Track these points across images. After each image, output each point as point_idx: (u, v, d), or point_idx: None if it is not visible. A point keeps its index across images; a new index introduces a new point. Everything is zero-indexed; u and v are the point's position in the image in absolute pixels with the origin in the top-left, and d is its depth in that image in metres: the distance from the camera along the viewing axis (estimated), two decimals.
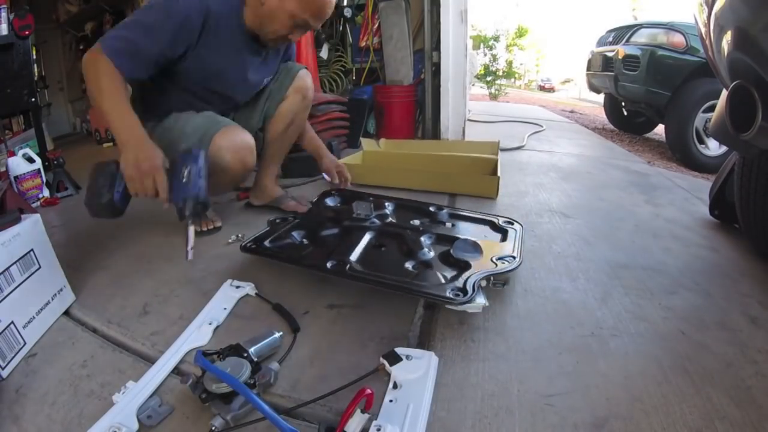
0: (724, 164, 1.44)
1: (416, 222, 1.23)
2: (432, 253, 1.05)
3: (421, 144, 2.44)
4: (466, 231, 1.20)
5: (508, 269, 0.95)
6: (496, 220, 1.25)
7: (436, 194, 1.65)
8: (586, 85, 4.53)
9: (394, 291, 0.88)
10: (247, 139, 1.22)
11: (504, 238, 1.15)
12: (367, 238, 1.12)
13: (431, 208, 1.32)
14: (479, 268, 0.94)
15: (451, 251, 1.02)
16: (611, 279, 1.07)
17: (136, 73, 1.05)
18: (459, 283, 0.88)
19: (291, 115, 1.42)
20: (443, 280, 0.92)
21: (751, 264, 1.19)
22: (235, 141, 1.19)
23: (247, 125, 1.39)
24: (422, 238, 1.10)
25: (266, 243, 1.08)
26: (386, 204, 1.34)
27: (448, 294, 0.83)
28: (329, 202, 1.39)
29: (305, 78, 1.41)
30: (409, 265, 1.00)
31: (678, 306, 0.97)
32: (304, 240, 1.13)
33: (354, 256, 1.02)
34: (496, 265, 0.96)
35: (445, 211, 1.31)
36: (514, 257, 1.01)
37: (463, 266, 0.96)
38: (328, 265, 0.96)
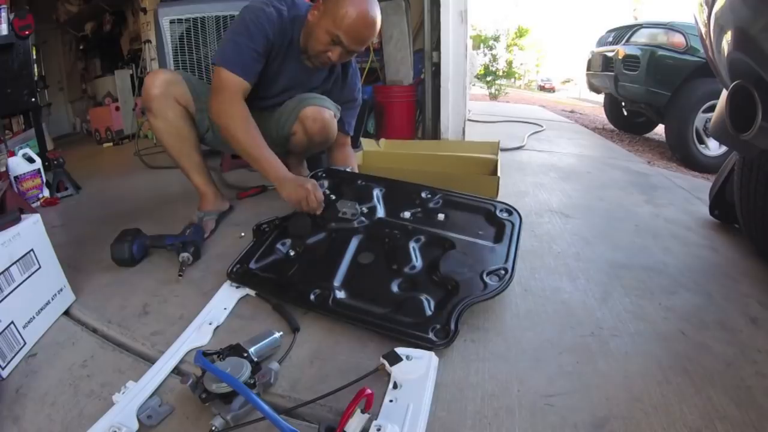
0: (724, 164, 1.44)
1: (407, 215, 1.16)
2: (420, 263, 1.01)
3: (421, 144, 2.44)
4: (459, 226, 1.13)
5: (496, 291, 0.91)
6: (492, 208, 1.18)
7: None
8: (586, 85, 4.53)
9: (376, 330, 0.85)
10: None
11: (499, 237, 1.08)
12: (353, 245, 1.07)
13: (423, 194, 1.24)
14: (467, 290, 0.90)
15: (440, 267, 0.97)
16: (611, 279, 1.07)
17: (251, 74, 1.19)
18: (443, 319, 0.84)
19: (303, 147, 1.44)
20: (428, 310, 0.88)
21: (751, 264, 1.18)
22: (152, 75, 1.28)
23: (275, 129, 1.43)
24: (411, 243, 1.05)
25: (252, 264, 1.04)
26: (374, 192, 1.25)
27: (430, 335, 0.81)
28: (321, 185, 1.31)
29: (306, 121, 1.34)
30: (395, 286, 0.95)
31: (678, 306, 0.97)
32: (291, 252, 1.09)
33: (338, 279, 0.97)
34: (485, 285, 0.92)
35: (438, 196, 1.23)
36: (506, 269, 0.96)
37: (451, 288, 0.92)
38: (312, 297, 0.92)
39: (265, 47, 1.20)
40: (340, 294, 0.93)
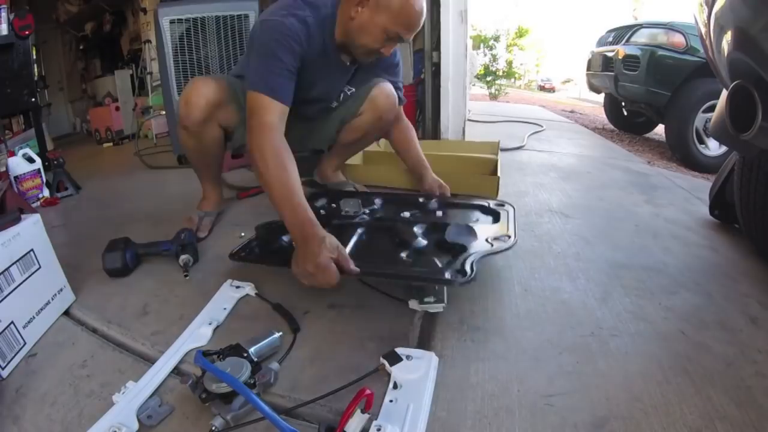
0: (724, 164, 1.44)
1: (406, 214, 1.22)
2: (425, 241, 1.04)
3: (421, 144, 2.43)
4: (457, 217, 1.19)
5: (504, 248, 0.95)
6: (486, 204, 1.25)
7: None
8: (586, 85, 4.53)
9: (390, 279, 0.86)
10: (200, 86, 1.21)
11: (496, 220, 1.16)
12: (358, 233, 1.11)
13: (420, 199, 1.31)
14: (475, 249, 0.94)
15: (445, 236, 1.01)
16: (611, 279, 1.07)
17: (287, 95, 1.09)
18: (457, 264, 0.87)
19: (362, 131, 1.44)
20: (440, 265, 0.91)
21: (751, 264, 1.18)
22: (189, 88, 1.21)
23: (324, 132, 1.45)
24: (414, 228, 1.09)
25: (255, 249, 1.07)
26: (375, 199, 1.32)
27: (447, 276, 0.83)
28: (316, 203, 1.36)
29: (379, 97, 1.36)
30: (403, 254, 0.99)
31: (678, 306, 0.97)
32: (294, 243, 1.10)
33: (347, 250, 1.00)
34: (492, 245, 0.96)
35: (434, 200, 1.31)
36: (509, 236, 1.01)
37: (459, 250, 0.96)
38: None
39: (295, 63, 1.12)
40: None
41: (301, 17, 1.12)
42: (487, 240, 0.99)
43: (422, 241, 1.03)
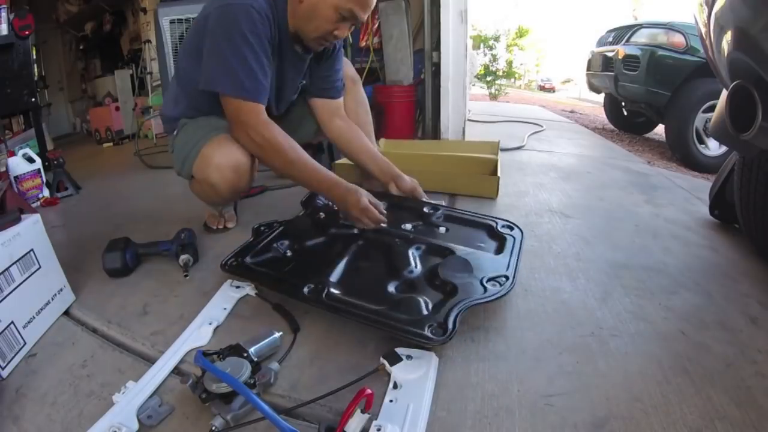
0: (724, 164, 1.44)
1: (408, 227, 1.16)
2: (419, 269, 0.99)
3: (421, 144, 2.44)
4: (461, 238, 1.12)
5: (497, 296, 0.88)
6: (494, 224, 1.18)
7: (436, 194, 1.65)
8: (586, 85, 4.53)
9: (369, 324, 0.82)
10: (238, 156, 1.10)
11: (500, 249, 1.08)
12: (352, 249, 1.06)
13: (426, 209, 1.25)
14: (466, 293, 0.87)
15: (439, 271, 0.95)
16: (611, 279, 1.07)
17: (266, 93, 1.07)
18: (440, 316, 0.81)
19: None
20: (425, 310, 0.84)
21: (751, 264, 1.18)
22: (224, 157, 1.09)
23: (301, 130, 1.38)
24: (411, 251, 1.04)
25: (247, 259, 1.03)
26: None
27: (426, 332, 0.77)
28: (319, 201, 1.33)
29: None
30: (392, 287, 0.93)
31: (678, 306, 0.97)
32: (288, 252, 1.07)
33: (334, 276, 0.96)
34: (485, 289, 0.89)
35: (440, 212, 1.25)
36: (506, 277, 0.94)
37: (449, 291, 0.89)
38: (305, 290, 0.89)
39: (269, 51, 1.07)
40: (335, 290, 0.91)
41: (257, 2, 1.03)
42: (482, 282, 0.92)
43: (415, 269, 0.99)
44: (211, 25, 1.04)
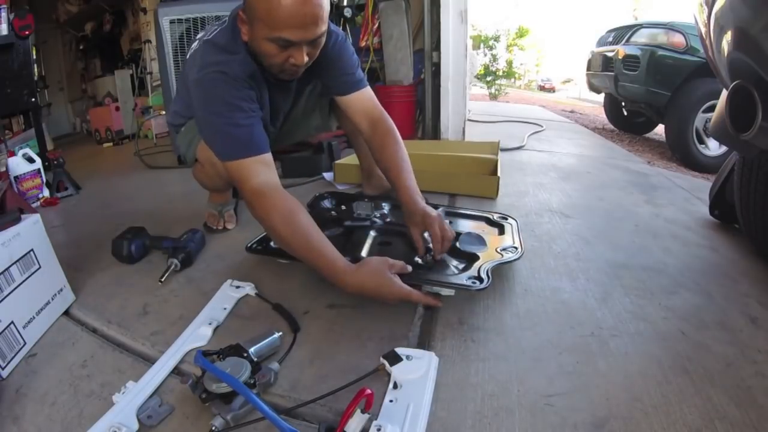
0: (724, 164, 1.44)
1: None
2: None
3: (421, 144, 2.44)
4: (464, 227, 1.22)
5: (513, 258, 1.01)
6: (491, 216, 1.28)
7: (436, 194, 1.65)
8: (586, 85, 4.53)
9: (415, 282, 0.88)
10: None
11: (501, 232, 1.19)
12: (372, 235, 1.14)
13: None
14: (487, 258, 0.99)
15: (458, 244, 1.05)
16: (611, 279, 1.07)
17: (264, 141, 1.00)
18: (473, 272, 0.92)
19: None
20: (456, 271, 0.96)
21: (751, 264, 1.19)
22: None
23: (301, 130, 1.40)
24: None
25: (272, 243, 1.08)
26: (383, 204, 1.35)
27: (466, 282, 0.88)
28: (325, 204, 1.38)
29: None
30: (418, 258, 1.02)
31: (678, 306, 0.97)
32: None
33: (364, 252, 1.04)
34: (502, 255, 1.01)
35: (440, 209, 1.30)
36: (516, 247, 1.06)
37: (471, 258, 1.00)
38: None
39: (255, 104, 1.03)
40: None
41: (228, 61, 1.00)
42: (497, 250, 1.04)
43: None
44: (195, 103, 1.03)
